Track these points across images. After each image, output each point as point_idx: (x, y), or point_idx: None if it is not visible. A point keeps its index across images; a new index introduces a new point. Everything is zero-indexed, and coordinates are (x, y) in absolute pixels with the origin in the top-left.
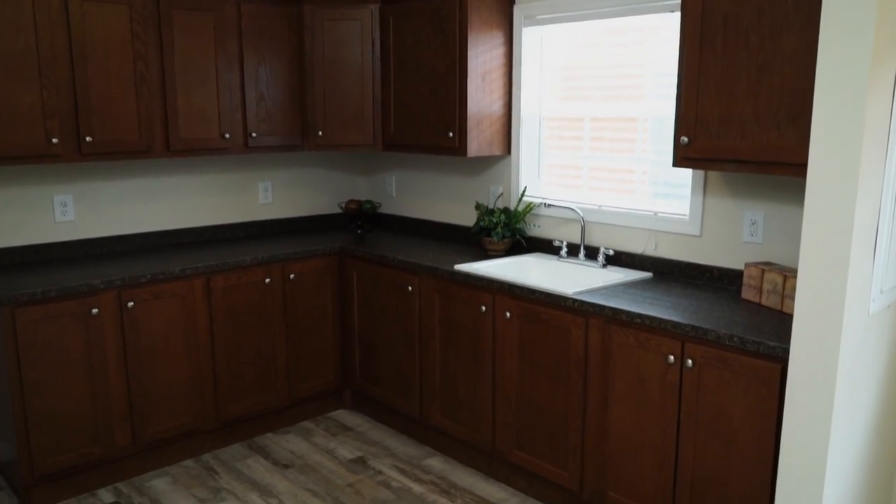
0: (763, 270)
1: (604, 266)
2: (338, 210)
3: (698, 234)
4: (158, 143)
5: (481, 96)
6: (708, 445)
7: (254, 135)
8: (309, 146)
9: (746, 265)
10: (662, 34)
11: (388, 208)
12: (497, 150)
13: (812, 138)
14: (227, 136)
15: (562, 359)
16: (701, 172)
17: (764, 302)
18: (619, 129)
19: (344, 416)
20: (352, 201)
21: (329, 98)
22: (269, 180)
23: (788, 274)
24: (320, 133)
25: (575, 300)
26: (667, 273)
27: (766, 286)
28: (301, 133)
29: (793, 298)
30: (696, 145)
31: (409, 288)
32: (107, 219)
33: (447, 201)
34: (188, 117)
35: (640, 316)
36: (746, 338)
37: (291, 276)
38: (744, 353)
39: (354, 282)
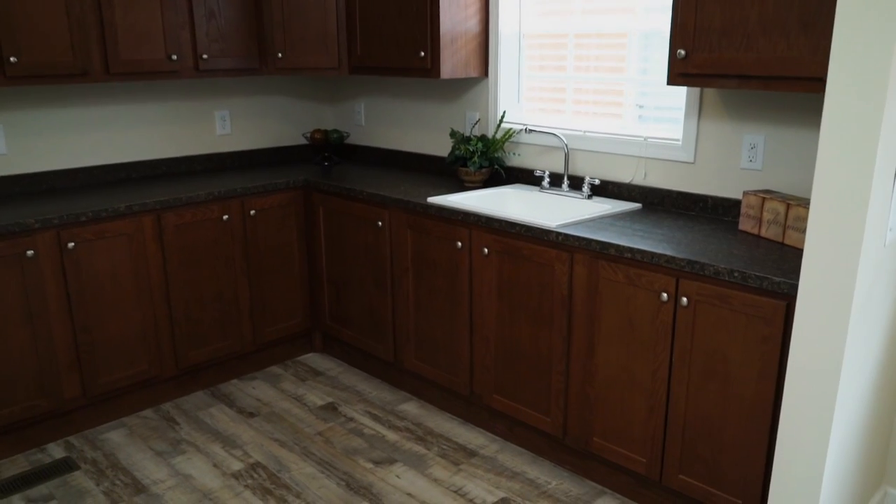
0: (763, 199)
1: (589, 197)
2: (303, 141)
3: (692, 160)
4: (96, 64)
5: (455, 11)
6: (702, 389)
7: (205, 56)
8: (268, 69)
9: (745, 194)
10: None
11: (357, 138)
12: (473, 72)
13: (833, 44)
14: (175, 57)
15: (544, 298)
16: (696, 93)
17: (764, 233)
18: (606, 47)
19: (314, 359)
20: (317, 131)
21: (289, 15)
22: (227, 109)
23: (791, 202)
24: (280, 55)
25: (559, 233)
26: (657, 204)
27: (766, 216)
28: (259, 55)
29: (796, 229)
30: (694, 59)
31: (379, 223)
32: (44, 151)
33: (420, 130)
34: (129, 36)
35: (630, 250)
36: (748, 273)
37: (252, 212)
38: (745, 290)
39: (321, 217)
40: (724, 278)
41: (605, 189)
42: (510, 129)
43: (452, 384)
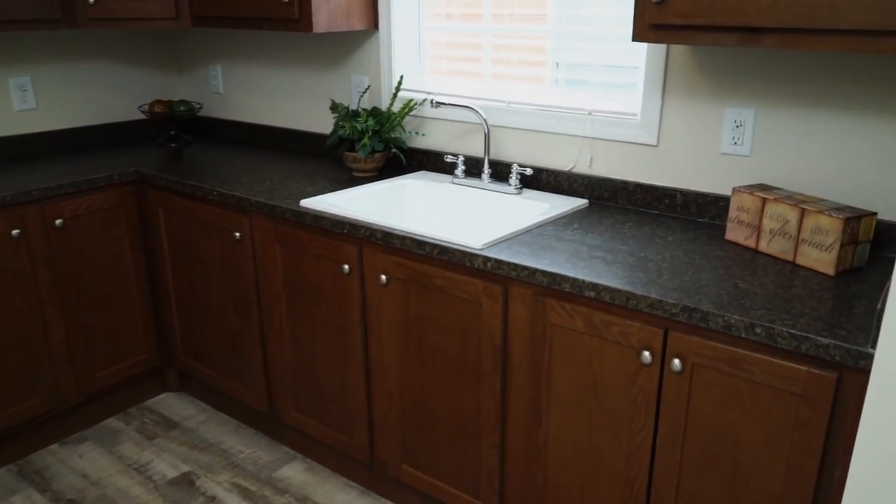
0: (763, 199)
1: (519, 191)
2: (141, 116)
3: (654, 142)
4: None
5: None
6: (701, 481)
7: None
8: (76, 21)
9: (735, 191)
10: None
11: (214, 110)
12: (358, 23)
13: None
14: None
15: (469, 344)
16: (660, 52)
17: (764, 248)
18: None
19: (169, 403)
20: (157, 103)
21: None
22: (27, 75)
23: (806, 205)
24: (92, 2)
25: (486, 258)
26: (608, 199)
27: (767, 224)
28: (61, 2)
29: (816, 246)
30: (675, 3)
31: (237, 234)
32: None
33: (295, 99)
34: None
35: (594, 287)
36: (776, 328)
37: (58, 221)
38: (770, 353)
39: (161, 222)
40: (740, 334)
41: (538, 180)
42: (411, 99)
43: (347, 447)
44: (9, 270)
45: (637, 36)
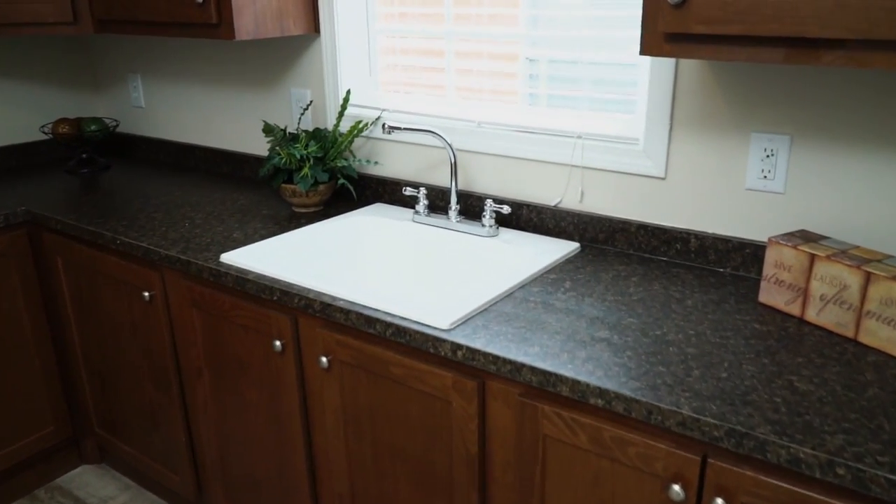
0: (812, 257)
1: (494, 231)
2: (44, 137)
3: (661, 173)
4: None
5: None
6: None
7: None
8: None
9: (773, 243)
10: None
11: (136, 127)
12: (295, 27)
13: None
14: None
15: (437, 448)
16: (667, 65)
17: (815, 318)
18: None
19: (86, 480)
20: (63, 122)
21: None
22: None
23: (873, 268)
24: None
25: (456, 346)
26: (604, 241)
27: (818, 288)
28: None
29: (887, 322)
30: (702, 6)
31: (147, 294)
32: None
33: (228, 115)
34: None
35: (602, 393)
36: (871, 473)
37: None
38: (859, 501)
39: (61, 273)
40: (813, 473)
41: (518, 216)
42: (359, 120)
43: None
44: None
45: (647, 48)
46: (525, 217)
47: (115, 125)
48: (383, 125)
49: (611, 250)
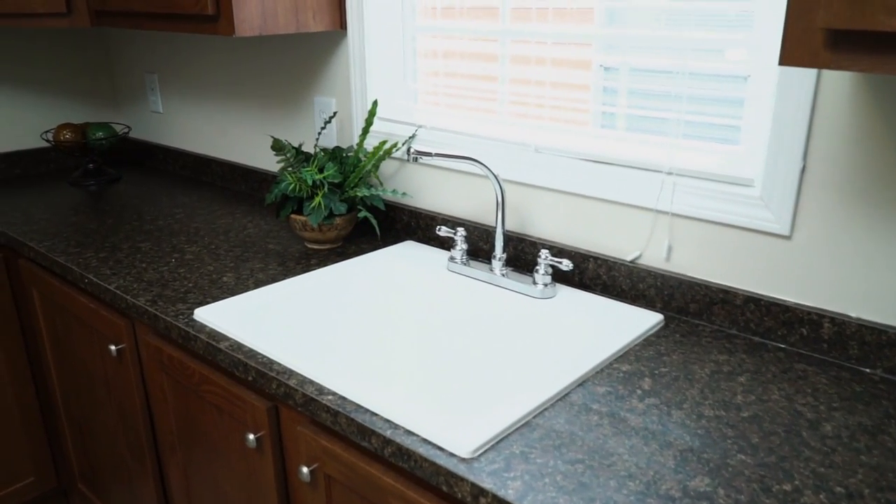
0: None
1: (549, 291)
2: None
3: (785, 230)
4: None
5: None
6: None
7: None
8: None
9: None
10: None
11: (153, 133)
12: (315, 22)
13: None
14: None
15: None
16: (803, 80)
17: None
18: None
19: None
20: (66, 127)
21: None
22: None
23: None
24: None
25: (480, 489)
26: (696, 314)
27: None
28: None
29: None
30: None
31: (114, 349)
32: None
33: (246, 126)
34: None
35: None
36: None
37: None
38: None
39: (38, 308)
40: None
41: (582, 272)
42: (385, 140)
43: None
44: None
45: (791, 55)
46: (591, 272)
47: (127, 131)
48: (408, 150)
49: (706, 328)
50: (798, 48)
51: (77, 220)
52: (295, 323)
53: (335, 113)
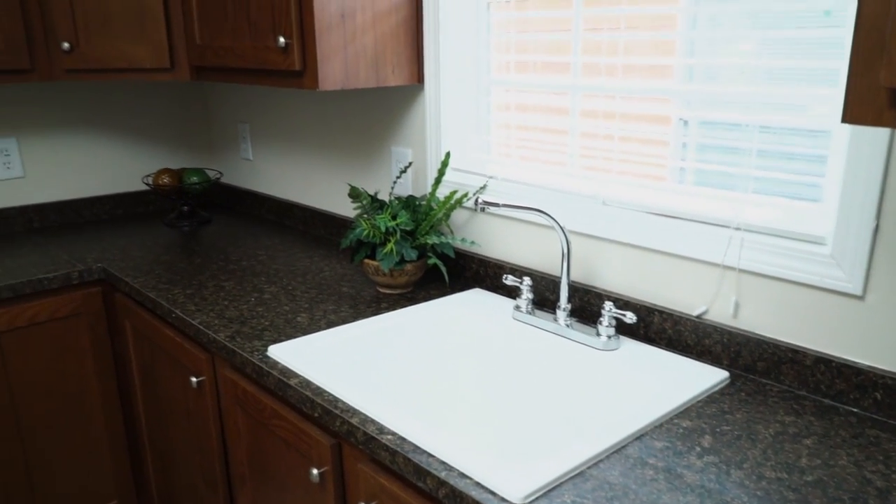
0: None
1: (612, 343)
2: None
3: (857, 290)
4: None
5: None
6: None
7: None
8: (50, 72)
9: None
10: None
11: (243, 179)
12: (394, 77)
13: None
14: None
15: None
16: (876, 137)
17: None
18: (644, 20)
19: None
20: (165, 172)
21: None
22: (12, 137)
23: None
24: (67, 46)
25: None
26: (763, 373)
27: None
28: (27, 46)
29: None
30: None
31: (194, 380)
32: None
33: (328, 173)
34: None
35: None
36: None
37: None
38: None
39: (129, 339)
40: None
41: (647, 325)
42: (455, 191)
43: None
44: None
45: (854, 113)
46: (657, 326)
47: (219, 177)
48: (476, 200)
49: (773, 388)
50: (862, 106)
51: (169, 258)
52: (362, 363)
53: (410, 163)
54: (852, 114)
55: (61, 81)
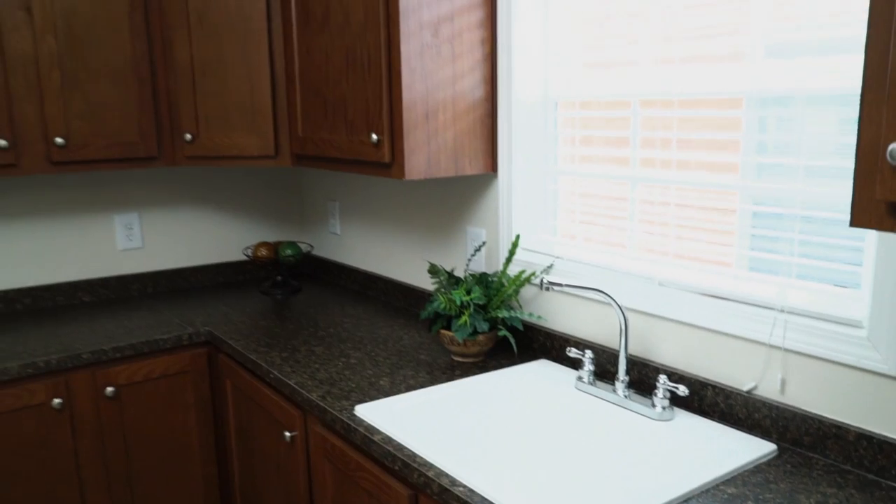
0: None
1: (666, 414)
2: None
3: (892, 370)
4: None
5: (434, 64)
6: None
7: (59, 141)
8: (173, 158)
9: None
10: None
11: (331, 252)
12: (471, 167)
13: None
14: (4, 143)
15: None
16: None
17: None
18: (701, 123)
19: None
20: (263, 245)
21: (201, 75)
22: (135, 213)
23: None
24: (189, 137)
25: None
26: (809, 447)
27: None
28: (157, 137)
29: None
30: None
31: (288, 435)
32: None
33: (409, 249)
34: None
35: None
36: None
37: (109, 389)
38: None
39: (229, 396)
40: None
41: (701, 399)
42: (523, 270)
43: None
44: (46, 446)
45: (859, 219)
46: (710, 400)
47: (310, 250)
48: (541, 281)
49: (819, 461)
50: (865, 213)
51: (265, 323)
52: (437, 424)
53: (484, 243)
54: (858, 220)
55: (180, 167)
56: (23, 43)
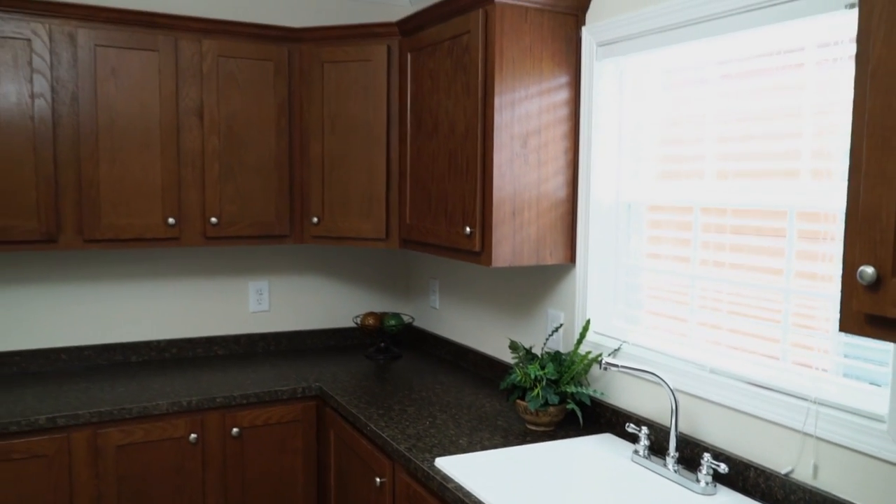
0: None
1: (710, 490)
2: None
3: None
4: (68, 230)
5: (522, 170)
6: None
7: (214, 221)
8: (301, 237)
9: None
10: (834, 54)
11: (430, 324)
12: (551, 258)
13: None
14: (172, 221)
15: None
16: None
17: None
18: (753, 231)
19: None
20: (370, 315)
21: (329, 170)
22: (266, 280)
23: None
24: (315, 220)
25: None
26: None
27: None
28: (289, 219)
29: None
30: None
31: (378, 480)
32: (13, 326)
33: (498, 326)
34: (114, 193)
35: None
36: None
37: (235, 430)
38: None
39: (332, 445)
40: None
41: (744, 479)
42: (589, 351)
43: None
44: (181, 473)
45: (845, 325)
46: (752, 480)
47: (411, 321)
48: (600, 362)
49: None
50: (850, 321)
51: (367, 384)
52: (504, 480)
53: (561, 324)
54: (844, 326)
55: (306, 244)
56: (194, 142)
